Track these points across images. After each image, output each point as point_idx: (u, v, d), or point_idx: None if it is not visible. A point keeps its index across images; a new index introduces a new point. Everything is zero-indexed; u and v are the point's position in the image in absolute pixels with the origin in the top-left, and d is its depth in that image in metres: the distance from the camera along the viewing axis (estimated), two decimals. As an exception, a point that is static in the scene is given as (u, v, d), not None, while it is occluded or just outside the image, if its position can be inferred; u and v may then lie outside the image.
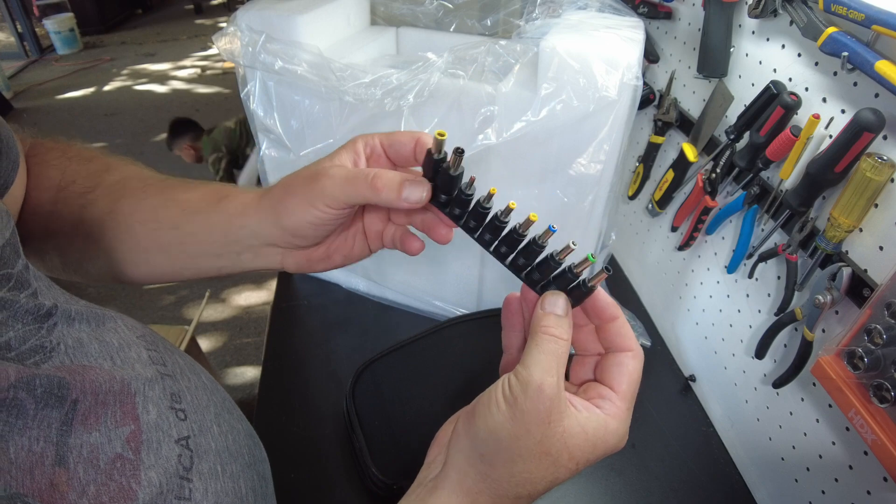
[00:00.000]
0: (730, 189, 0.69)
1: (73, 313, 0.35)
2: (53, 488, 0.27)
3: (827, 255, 0.53)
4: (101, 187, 0.46)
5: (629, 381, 0.35)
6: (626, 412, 0.34)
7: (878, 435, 0.44)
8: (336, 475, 0.69)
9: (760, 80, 0.62)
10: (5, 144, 0.40)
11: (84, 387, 0.31)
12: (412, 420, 0.68)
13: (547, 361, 0.33)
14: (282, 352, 0.86)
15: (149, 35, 5.40)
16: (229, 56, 0.69)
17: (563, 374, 0.34)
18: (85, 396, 0.31)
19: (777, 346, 0.63)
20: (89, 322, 0.36)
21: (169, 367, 0.40)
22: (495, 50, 0.63)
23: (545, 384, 0.32)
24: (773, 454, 0.65)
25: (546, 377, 0.32)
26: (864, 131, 0.47)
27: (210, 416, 0.40)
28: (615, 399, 0.34)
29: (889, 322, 0.44)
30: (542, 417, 0.32)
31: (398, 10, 0.84)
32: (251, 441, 0.45)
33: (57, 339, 0.32)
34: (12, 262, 0.31)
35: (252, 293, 2.27)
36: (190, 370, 0.42)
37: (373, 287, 0.93)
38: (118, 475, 0.30)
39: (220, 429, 0.40)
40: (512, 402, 0.33)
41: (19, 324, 0.30)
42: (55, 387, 0.29)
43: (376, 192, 0.37)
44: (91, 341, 0.34)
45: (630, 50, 0.58)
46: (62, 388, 0.30)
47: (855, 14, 0.45)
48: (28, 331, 0.30)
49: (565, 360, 0.34)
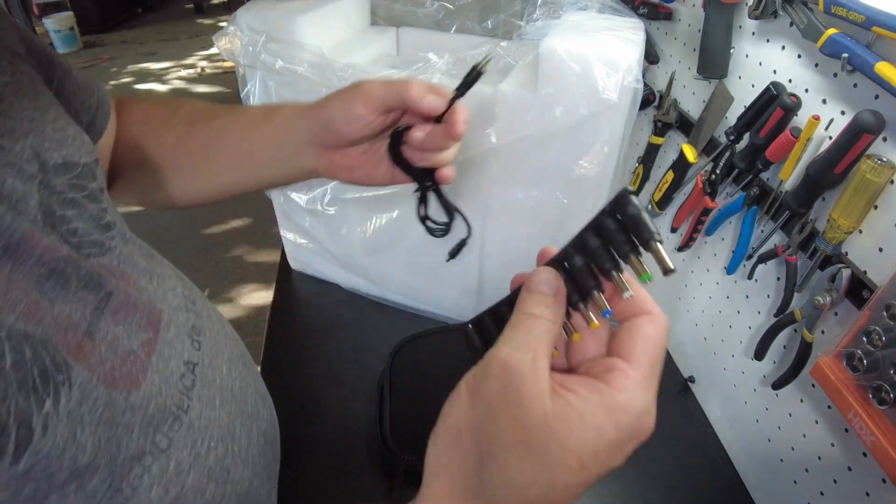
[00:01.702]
0: (729, 190, 0.69)
1: (129, 237, 0.41)
2: (80, 349, 0.32)
3: (826, 257, 0.53)
4: (175, 118, 0.54)
5: (644, 347, 0.28)
6: (643, 381, 0.27)
7: (876, 437, 0.44)
8: (336, 474, 0.69)
9: (760, 81, 0.62)
10: (100, 99, 0.49)
11: (119, 288, 0.37)
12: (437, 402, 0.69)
13: (520, 337, 0.28)
14: (281, 351, 0.86)
15: (149, 34, 5.39)
16: (229, 56, 0.69)
17: (545, 354, 0.28)
18: (119, 293, 0.36)
19: (776, 347, 0.63)
20: (141, 250, 0.43)
21: (198, 307, 0.46)
22: (496, 51, 0.63)
23: (511, 359, 0.27)
24: (772, 455, 0.65)
25: (515, 352, 0.27)
26: (863, 133, 0.47)
27: (223, 359, 0.46)
28: (625, 367, 0.27)
29: (888, 324, 0.44)
30: (510, 399, 0.26)
31: (399, 11, 0.84)
32: (259, 399, 0.51)
33: (115, 245, 0.39)
34: (89, 179, 0.38)
35: (252, 293, 2.27)
36: (217, 320, 0.49)
37: (372, 287, 0.93)
38: (130, 364, 0.36)
39: (229, 372, 0.46)
40: (474, 388, 0.28)
41: (86, 222, 0.37)
42: (95, 276, 0.35)
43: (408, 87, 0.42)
44: (140, 260, 0.41)
45: (630, 52, 0.59)
46: (100, 280, 0.35)
47: (855, 16, 0.46)
48: (93, 228, 0.37)
49: (548, 341, 0.28)
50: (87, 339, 0.33)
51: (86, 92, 0.47)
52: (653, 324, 0.29)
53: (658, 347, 0.28)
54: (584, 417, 0.25)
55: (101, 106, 0.49)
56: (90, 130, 0.47)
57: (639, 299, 0.30)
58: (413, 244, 0.81)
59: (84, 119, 0.47)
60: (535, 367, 0.27)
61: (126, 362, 0.35)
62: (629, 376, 0.27)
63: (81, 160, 0.38)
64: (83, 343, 0.32)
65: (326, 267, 0.95)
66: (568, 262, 0.31)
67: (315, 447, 0.72)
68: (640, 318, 0.29)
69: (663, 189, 0.82)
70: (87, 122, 0.47)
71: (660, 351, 0.28)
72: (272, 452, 0.50)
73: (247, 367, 0.51)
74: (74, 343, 0.32)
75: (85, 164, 0.38)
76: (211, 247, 2.51)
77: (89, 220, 0.37)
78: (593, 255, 0.30)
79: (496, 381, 0.27)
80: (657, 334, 0.29)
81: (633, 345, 0.28)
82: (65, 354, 0.31)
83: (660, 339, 0.29)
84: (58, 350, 0.30)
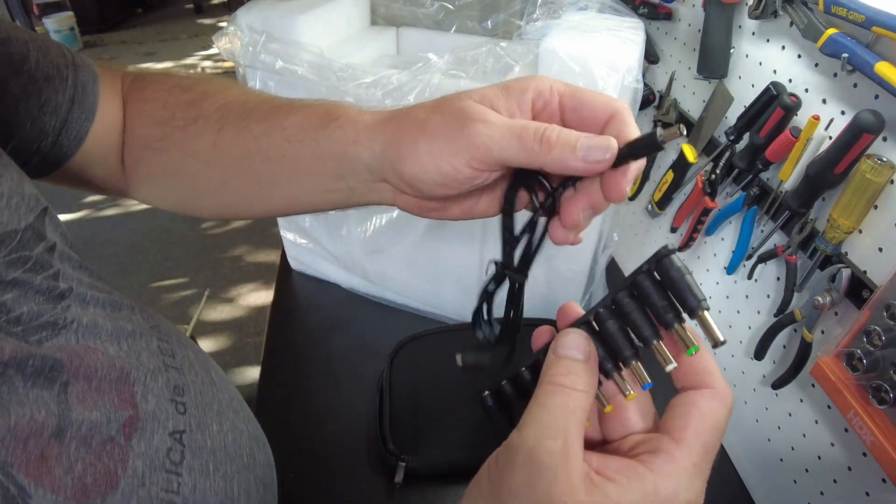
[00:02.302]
0: (729, 190, 0.69)
1: (89, 298, 0.35)
2: (42, 461, 0.27)
3: (826, 257, 0.53)
4: (202, 118, 0.42)
5: (699, 427, 0.24)
6: (691, 468, 0.23)
7: (876, 436, 0.44)
8: (336, 474, 0.69)
9: (760, 81, 0.62)
10: (80, 92, 0.40)
11: (78, 371, 0.31)
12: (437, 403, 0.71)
13: (548, 419, 0.24)
14: (281, 352, 0.86)
15: (149, 34, 5.39)
16: (229, 56, 0.69)
17: (578, 436, 0.24)
18: (77, 380, 0.30)
19: (776, 347, 0.63)
20: (104, 307, 0.36)
21: (178, 360, 0.39)
22: (496, 51, 0.63)
23: (539, 449, 0.23)
24: (771, 455, 0.65)
25: (543, 440, 0.24)
26: (863, 133, 0.47)
27: (212, 414, 0.39)
28: (674, 450, 0.24)
29: (888, 324, 0.44)
30: (538, 497, 0.23)
31: (399, 11, 0.84)
32: (254, 444, 0.44)
33: (72, 316, 0.32)
34: (31, 245, 0.31)
35: (252, 293, 2.27)
36: (200, 366, 0.41)
37: (372, 287, 0.93)
38: (107, 458, 0.30)
39: (219, 427, 0.39)
40: (497, 478, 0.25)
41: (32, 302, 0.30)
42: (47, 368, 0.29)
43: (549, 148, 0.28)
44: (105, 322, 0.34)
45: (630, 52, 0.59)
46: (54, 370, 0.29)
47: (855, 15, 0.45)
48: (42, 308, 0.31)
49: (580, 418, 0.25)
50: (54, 443, 0.28)
51: (49, 88, 0.38)
52: (713, 399, 0.25)
53: (716, 430, 0.25)
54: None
55: (80, 102, 0.40)
56: (60, 140, 0.40)
57: (700, 369, 0.26)
58: (413, 244, 0.81)
59: (49, 125, 0.39)
60: (566, 455, 0.23)
61: (101, 457, 0.30)
62: (676, 461, 0.24)
63: (21, 224, 0.31)
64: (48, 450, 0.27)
65: (326, 267, 0.95)
66: (600, 326, 0.28)
67: (315, 447, 0.72)
68: (700, 392, 0.26)
69: (663, 189, 0.82)
70: (56, 130, 0.40)
71: (717, 434, 0.25)
72: (270, 494, 0.45)
73: (237, 412, 0.43)
74: (36, 454, 0.27)
75: (27, 227, 0.31)
76: (211, 247, 2.51)
77: (36, 296, 0.31)
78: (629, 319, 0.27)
79: (521, 474, 0.24)
80: (716, 414, 0.25)
81: (686, 423, 0.25)
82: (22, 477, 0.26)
83: (719, 420, 0.25)
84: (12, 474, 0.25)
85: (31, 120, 0.38)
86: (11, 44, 0.37)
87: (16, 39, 0.37)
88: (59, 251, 0.34)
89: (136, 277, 2.31)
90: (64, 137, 0.41)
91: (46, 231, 0.33)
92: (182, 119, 0.42)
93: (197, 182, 0.43)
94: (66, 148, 0.42)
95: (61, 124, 0.40)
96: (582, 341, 0.27)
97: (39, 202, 0.33)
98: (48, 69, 0.39)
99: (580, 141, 0.28)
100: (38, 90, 0.38)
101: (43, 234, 0.33)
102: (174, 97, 0.43)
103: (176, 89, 0.44)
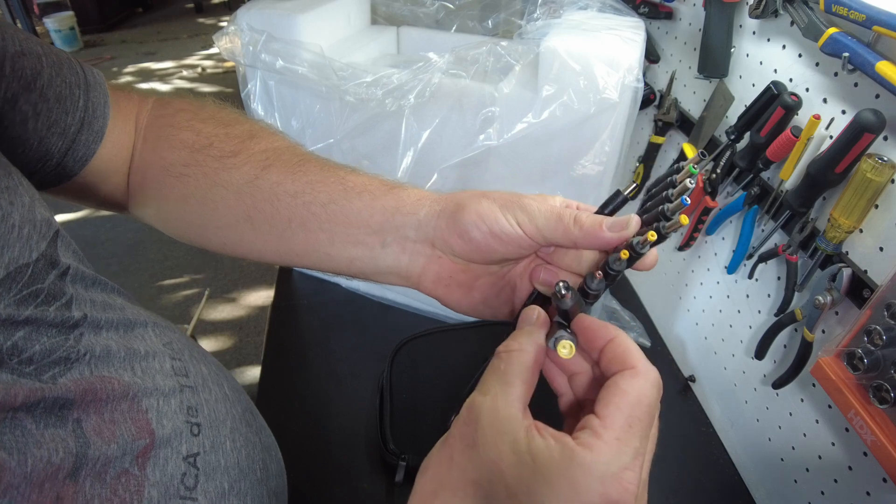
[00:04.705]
0: (730, 189, 0.69)
1: (103, 322, 0.34)
2: (58, 503, 0.27)
3: (827, 256, 0.53)
4: (245, 153, 0.42)
5: (619, 404, 0.26)
6: (614, 445, 0.25)
7: (877, 436, 0.44)
8: (336, 474, 0.69)
9: (761, 80, 0.62)
10: (91, 114, 0.39)
11: (89, 404, 0.31)
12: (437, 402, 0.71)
13: (487, 380, 0.29)
14: (282, 351, 0.86)
15: (149, 34, 5.39)
16: (230, 55, 0.69)
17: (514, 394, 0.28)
18: (88, 414, 0.30)
19: (777, 346, 0.63)
20: (118, 329, 0.35)
21: (191, 378, 0.39)
22: (496, 50, 0.63)
23: (474, 402, 0.28)
24: (772, 455, 0.65)
25: (477, 395, 0.28)
26: (864, 132, 0.47)
27: (225, 431, 0.39)
28: (596, 425, 0.26)
29: (889, 323, 0.44)
30: (467, 441, 0.27)
31: (399, 10, 0.84)
32: (267, 455, 0.44)
33: (85, 347, 0.32)
34: (44, 275, 0.31)
35: (252, 293, 2.27)
36: (213, 380, 0.41)
37: (373, 287, 0.93)
38: (122, 490, 0.30)
39: (233, 444, 0.39)
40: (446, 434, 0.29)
41: (44, 337, 0.30)
42: (57, 406, 0.29)
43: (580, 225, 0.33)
44: (119, 349, 0.34)
45: (631, 51, 0.59)
46: (64, 408, 0.29)
47: (856, 15, 0.45)
48: (54, 343, 0.30)
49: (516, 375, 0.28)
50: (69, 483, 0.28)
51: (60, 108, 0.38)
52: (633, 378, 0.27)
53: (638, 405, 0.27)
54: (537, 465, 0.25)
55: (89, 124, 0.40)
56: (65, 161, 0.39)
57: (620, 353, 0.29)
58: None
59: (55, 146, 0.38)
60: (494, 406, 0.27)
61: (117, 490, 0.30)
62: (598, 435, 0.26)
63: (33, 256, 0.30)
64: (63, 491, 0.27)
65: (327, 266, 0.95)
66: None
67: (315, 447, 0.72)
68: (621, 373, 0.28)
69: (664, 188, 0.82)
70: (62, 151, 0.39)
71: (641, 409, 0.27)
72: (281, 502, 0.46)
73: (250, 423, 0.43)
74: (52, 498, 0.27)
75: (38, 258, 0.30)
76: (211, 246, 2.51)
77: (49, 329, 0.30)
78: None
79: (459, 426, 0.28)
80: (638, 391, 0.27)
81: (609, 401, 0.27)
82: None
83: (641, 396, 0.27)
84: None
85: (39, 139, 0.38)
86: (25, 58, 0.36)
87: (30, 53, 0.36)
88: (73, 273, 0.33)
89: (137, 277, 2.31)
90: (69, 158, 0.40)
91: (59, 255, 0.32)
92: (219, 150, 0.43)
93: (218, 212, 0.43)
94: (69, 168, 0.41)
95: (68, 146, 0.39)
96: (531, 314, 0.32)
97: (52, 226, 0.33)
98: (60, 88, 0.38)
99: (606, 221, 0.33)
100: (49, 110, 0.37)
101: (55, 260, 0.32)
102: (210, 128, 0.44)
103: (211, 121, 0.45)
